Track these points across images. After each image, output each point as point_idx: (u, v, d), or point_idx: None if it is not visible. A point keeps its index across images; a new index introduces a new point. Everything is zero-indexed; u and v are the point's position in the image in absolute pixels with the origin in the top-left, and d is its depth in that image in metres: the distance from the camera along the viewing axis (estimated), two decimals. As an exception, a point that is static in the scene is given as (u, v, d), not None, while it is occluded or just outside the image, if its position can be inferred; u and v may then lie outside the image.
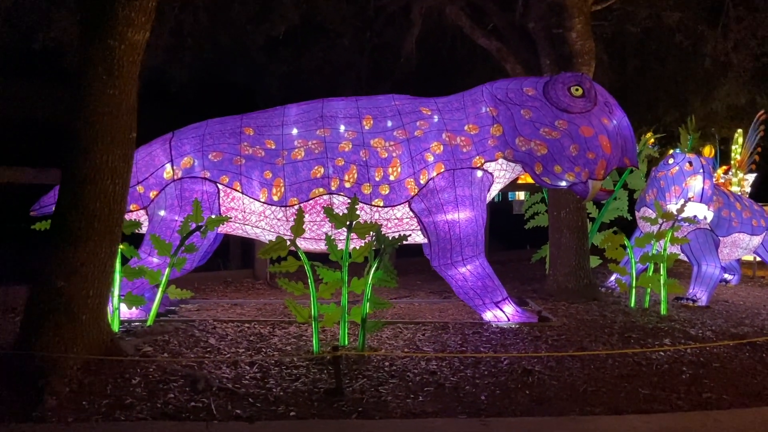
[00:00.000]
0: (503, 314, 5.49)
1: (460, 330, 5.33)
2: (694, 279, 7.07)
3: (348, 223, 4.61)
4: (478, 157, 5.58)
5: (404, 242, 5.75)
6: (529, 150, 5.52)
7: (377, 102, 5.75)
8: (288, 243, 4.51)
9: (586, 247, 6.85)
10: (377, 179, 5.41)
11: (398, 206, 5.48)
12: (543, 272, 8.39)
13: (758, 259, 8.69)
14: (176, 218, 5.32)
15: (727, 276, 8.88)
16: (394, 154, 5.47)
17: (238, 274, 8.11)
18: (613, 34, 11.50)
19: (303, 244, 5.71)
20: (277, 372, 4.10)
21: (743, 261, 8.94)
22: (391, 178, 5.43)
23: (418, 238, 5.84)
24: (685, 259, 7.28)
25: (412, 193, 5.45)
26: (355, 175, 5.40)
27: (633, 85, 16.23)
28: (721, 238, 7.38)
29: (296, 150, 5.47)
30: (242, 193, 5.45)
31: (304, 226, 5.50)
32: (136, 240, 5.42)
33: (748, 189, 19.71)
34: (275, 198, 5.44)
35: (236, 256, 8.41)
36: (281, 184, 5.43)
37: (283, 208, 5.46)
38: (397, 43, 9.42)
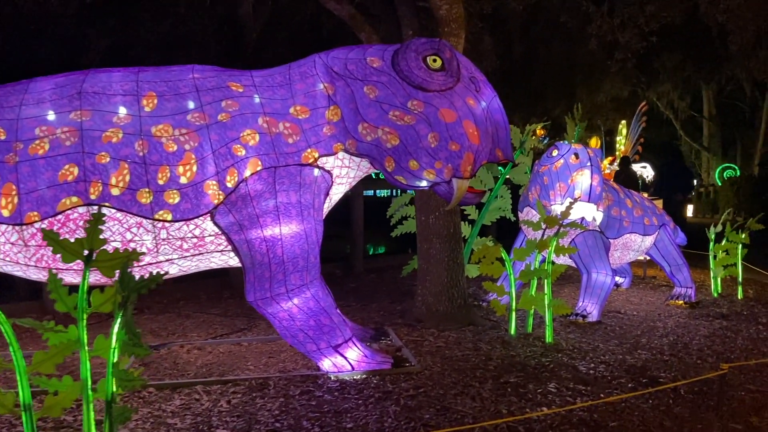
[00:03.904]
0: (345, 362, 4.08)
1: (283, 390, 3.86)
2: (584, 289, 6.09)
3: (86, 253, 2.99)
4: (309, 150, 4.12)
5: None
6: (377, 140, 4.14)
7: (168, 74, 4.12)
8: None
9: (460, 260, 5.62)
10: (161, 183, 3.80)
11: (196, 220, 3.90)
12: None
13: (648, 258, 7.95)
14: None
15: (618, 279, 8.10)
16: (186, 147, 3.87)
17: (21, 309, 6.13)
18: (497, 17, 10.52)
19: (66, 278, 3.99)
20: None
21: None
22: (183, 180, 3.84)
23: (233, 261, 4.32)
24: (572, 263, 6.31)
25: (216, 202, 3.90)
26: (127, 177, 3.76)
27: (520, 73, 15.64)
28: (611, 241, 6.46)
29: (37, 142, 3.73)
30: (-48, 206, 3.65)
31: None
32: None
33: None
34: (5, 213, 3.68)
35: (22, 285, 6.37)
36: (13, 192, 3.67)
37: (18, 227, 3.71)
38: (246, 13, 7.77)
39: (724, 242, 7.63)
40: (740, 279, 7.55)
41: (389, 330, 5.22)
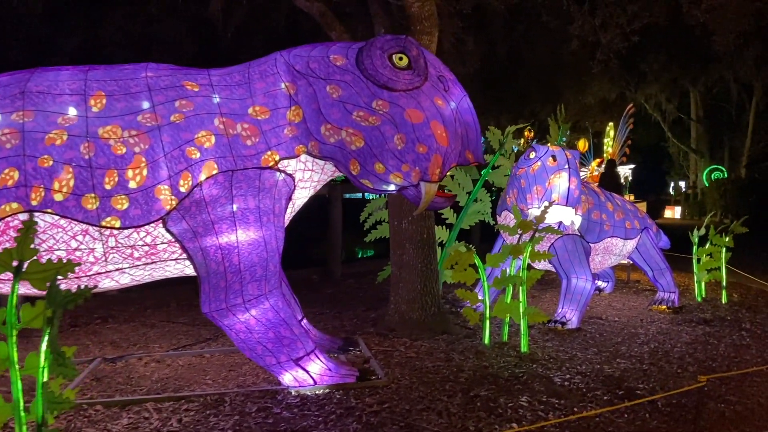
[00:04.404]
0: (307, 375, 3.88)
1: (239, 406, 3.65)
2: (563, 295, 5.92)
3: (15, 264, 2.77)
4: (269, 153, 3.92)
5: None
6: (340, 142, 3.94)
7: (119, 73, 3.90)
8: None
9: (434, 266, 5.43)
10: (108, 187, 3.58)
11: (147, 227, 3.68)
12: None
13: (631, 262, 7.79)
14: None
15: (600, 283, 7.95)
16: (136, 150, 3.66)
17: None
18: (479, 18, 10.37)
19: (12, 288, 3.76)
20: None
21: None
22: (132, 185, 3.62)
23: (189, 270, 4.10)
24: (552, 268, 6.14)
25: (168, 207, 3.68)
26: (72, 182, 3.53)
27: (506, 76, 15.52)
28: (592, 245, 6.29)
29: (-25, 144, 3.51)
30: None
31: None
32: None
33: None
34: (-62, 221, 3.45)
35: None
36: (-53, 199, 3.44)
37: (-47, 236, 3.48)
38: (214, 12, 7.55)
39: (708, 245, 7.49)
40: (724, 283, 7.41)
41: (359, 340, 5.01)
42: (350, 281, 8.57)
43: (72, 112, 3.64)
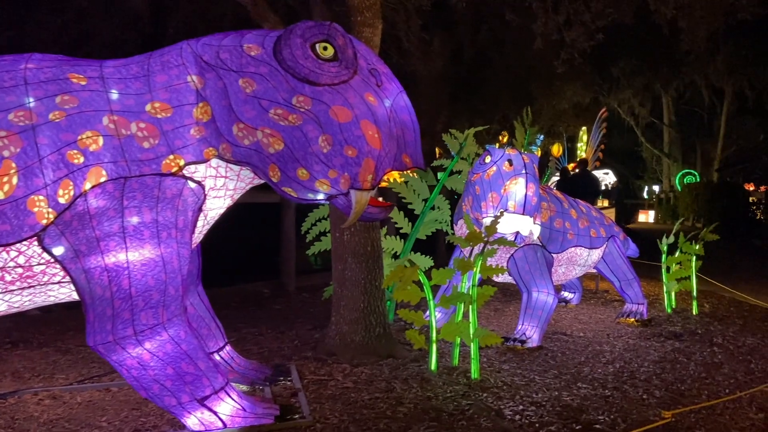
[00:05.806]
0: (215, 417, 3.31)
1: (129, 457, 3.08)
2: (523, 311, 5.46)
3: None
4: (171, 157, 3.36)
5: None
6: (256, 144, 3.40)
7: (-7, 64, 3.32)
8: None
9: (379, 282, 4.90)
10: (-33, 199, 2.99)
11: (18, 245, 3.10)
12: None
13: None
14: None
15: (566, 294, 7.52)
16: (5, 154, 3.07)
17: None
18: (443, 16, 9.95)
19: None
20: None
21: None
22: (-2, 195, 3.04)
23: (76, 294, 3.51)
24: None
25: (44, 222, 3.10)
26: None
27: (475, 80, 15.11)
28: (554, 255, 5.84)
29: None
30: None
31: None
32: None
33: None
34: None
35: None
36: None
37: None
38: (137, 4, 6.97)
39: (677, 254, 7.11)
40: (695, 293, 7.03)
41: (292, 367, 4.45)
42: (304, 295, 8.01)
43: (-74, 109, 3.05)
